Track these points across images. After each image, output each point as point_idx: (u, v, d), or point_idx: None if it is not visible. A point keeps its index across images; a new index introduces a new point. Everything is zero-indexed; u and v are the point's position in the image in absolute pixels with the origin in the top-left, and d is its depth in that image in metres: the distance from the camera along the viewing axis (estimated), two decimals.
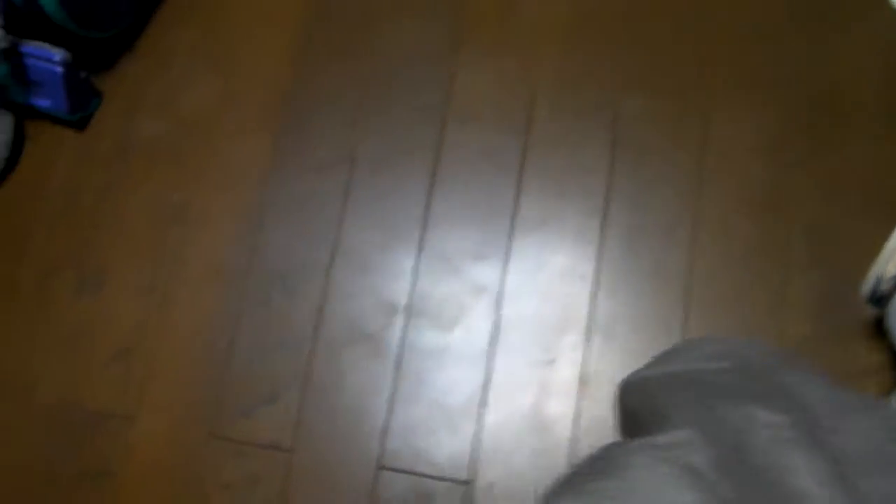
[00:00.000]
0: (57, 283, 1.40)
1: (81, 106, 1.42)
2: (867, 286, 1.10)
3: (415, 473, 1.24)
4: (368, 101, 1.40)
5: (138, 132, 1.45)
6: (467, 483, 1.23)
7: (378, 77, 1.42)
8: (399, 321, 1.30)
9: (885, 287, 1.08)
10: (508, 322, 1.28)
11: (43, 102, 1.41)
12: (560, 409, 1.25)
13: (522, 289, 1.30)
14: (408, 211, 1.35)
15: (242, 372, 1.30)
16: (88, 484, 1.29)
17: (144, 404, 1.31)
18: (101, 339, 1.36)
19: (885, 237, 1.11)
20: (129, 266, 1.38)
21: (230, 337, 1.32)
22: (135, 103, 1.47)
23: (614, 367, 1.26)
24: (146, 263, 1.37)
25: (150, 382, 1.32)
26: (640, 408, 0.79)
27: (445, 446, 1.24)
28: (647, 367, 0.84)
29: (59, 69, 1.36)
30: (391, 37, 1.43)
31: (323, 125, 1.41)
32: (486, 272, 1.30)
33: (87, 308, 1.38)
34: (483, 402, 1.26)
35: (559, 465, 1.23)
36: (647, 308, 1.28)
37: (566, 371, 1.26)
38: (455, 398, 1.26)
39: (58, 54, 1.36)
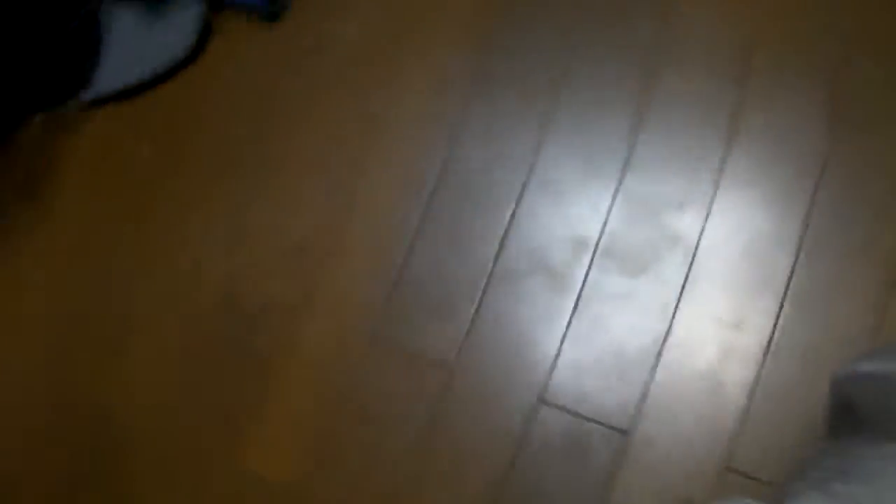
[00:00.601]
0: (234, 176, 1.36)
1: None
2: None
3: (575, 413, 1.19)
4: (579, 29, 1.33)
5: (332, 33, 1.41)
6: (626, 433, 1.17)
7: (592, 4, 1.35)
8: (585, 259, 1.24)
9: None
10: (700, 276, 1.21)
11: None
12: (738, 375, 1.18)
13: (720, 245, 1.22)
14: (610, 147, 1.28)
15: (416, 284, 1.27)
16: (252, 373, 1.27)
17: (314, 301, 1.29)
18: (278, 232, 1.32)
19: None
20: (312, 165, 1.34)
21: (409, 247, 1.28)
22: (333, 2, 1.42)
23: (804, 342, 1.18)
24: (333, 164, 1.33)
25: (322, 280, 1.30)
26: (866, 404, 0.71)
27: (612, 392, 1.19)
28: (879, 359, 0.76)
29: None
30: None
31: (529, 48, 1.35)
32: (684, 222, 1.23)
33: (265, 200, 1.34)
34: (659, 355, 1.19)
35: (726, 432, 1.15)
36: (848, 286, 1.19)
37: (752, 337, 1.19)
38: (631, 346, 1.20)
39: None
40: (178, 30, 1.38)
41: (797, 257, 1.21)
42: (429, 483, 1.20)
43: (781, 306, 1.20)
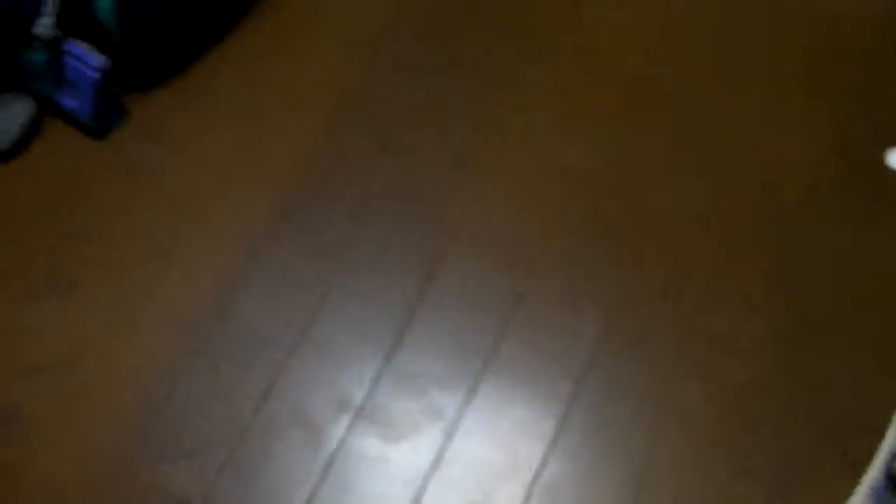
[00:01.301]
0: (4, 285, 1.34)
1: (105, 118, 1.41)
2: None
3: None
4: (372, 208, 1.39)
5: (148, 160, 1.43)
6: None
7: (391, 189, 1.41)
8: (346, 420, 1.24)
9: None
10: (454, 455, 1.22)
11: (69, 102, 1.40)
12: None
13: (478, 428, 1.25)
14: (386, 320, 1.31)
15: (172, 424, 1.23)
16: None
17: (65, 424, 1.23)
18: (39, 345, 1.30)
19: None
20: (100, 281, 1.32)
21: (174, 381, 1.27)
22: (155, 133, 1.45)
23: None
24: (118, 286, 1.32)
25: (75, 402, 1.24)
26: None
27: None
28: None
29: (95, 74, 1.35)
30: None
31: (328, 213, 1.38)
32: (447, 400, 1.26)
33: (52, 310, 1.33)
34: None
35: None
36: (596, 483, 1.22)
37: None
38: None
39: (98, 60, 1.36)
40: (6, 122, 1.37)
41: (551, 450, 1.24)
42: None
43: (528, 495, 1.21)
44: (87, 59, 1.34)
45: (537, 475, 1.22)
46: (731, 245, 1.37)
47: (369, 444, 1.22)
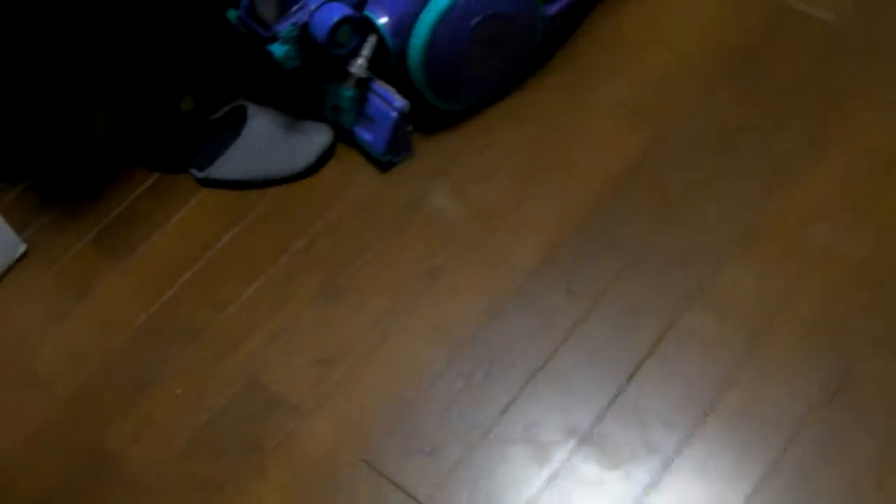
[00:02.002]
0: (303, 282, 1.61)
1: (394, 152, 1.61)
2: None
3: None
4: (638, 264, 1.52)
5: (426, 195, 1.62)
6: None
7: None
8: (571, 443, 1.36)
9: None
10: (665, 488, 1.32)
11: (365, 135, 1.61)
12: None
13: (690, 468, 1.33)
14: (623, 359, 1.43)
15: (417, 422, 1.41)
16: (246, 451, 1.40)
17: (320, 408, 1.43)
18: (315, 341, 1.53)
19: None
20: (369, 294, 1.52)
21: (422, 388, 1.47)
22: (436, 171, 1.64)
23: None
24: (385, 298, 1.53)
25: (334, 393, 1.44)
26: None
27: None
28: None
29: (394, 115, 1.56)
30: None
31: (592, 263, 1.55)
32: (666, 438, 1.35)
33: (318, 312, 1.57)
34: None
35: None
36: None
37: None
38: None
39: (399, 102, 1.56)
40: (305, 146, 1.61)
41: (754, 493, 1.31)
42: None
43: None
44: (391, 99, 1.55)
45: None
46: None
47: (589, 468, 1.34)
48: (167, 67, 1.67)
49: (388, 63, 1.55)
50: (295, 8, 1.48)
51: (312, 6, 1.46)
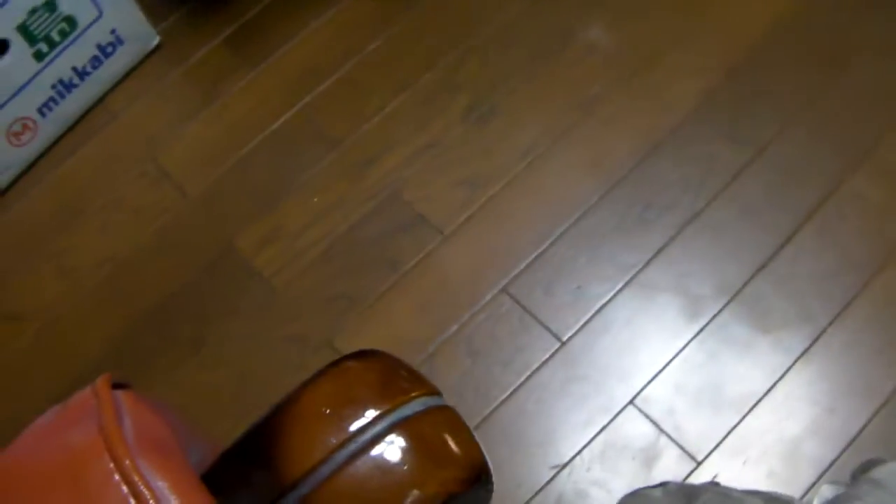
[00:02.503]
0: (450, 100, 1.54)
1: None
2: None
3: (658, 426, 1.23)
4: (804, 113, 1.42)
5: (580, 28, 1.59)
6: (696, 462, 1.21)
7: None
8: (723, 299, 1.30)
9: None
10: (815, 358, 1.26)
11: None
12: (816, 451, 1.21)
13: (844, 342, 1.27)
14: (783, 219, 1.35)
15: (564, 256, 1.34)
16: (379, 267, 1.35)
17: (463, 231, 1.37)
18: (462, 162, 1.46)
19: None
20: (522, 117, 1.43)
21: (573, 222, 1.39)
22: (592, 2, 1.57)
23: None
24: (539, 125, 1.43)
25: (478, 216, 1.38)
26: None
27: (700, 422, 1.23)
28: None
29: None
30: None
31: (754, 108, 1.44)
32: (823, 308, 1.29)
33: (466, 132, 1.50)
34: (756, 405, 1.23)
35: None
36: None
37: (841, 424, 1.22)
38: (734, 388, 1.25)
39: None
40: None
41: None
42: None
43: (870, 418, 1.23)
44: None
45: (878, 409, 1.23)
46: None
47: (740, 328, 1.28)
48: None
49: None
50: None
51: None
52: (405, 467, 0.38)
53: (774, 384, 1.26)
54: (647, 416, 1.24)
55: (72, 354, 1.38)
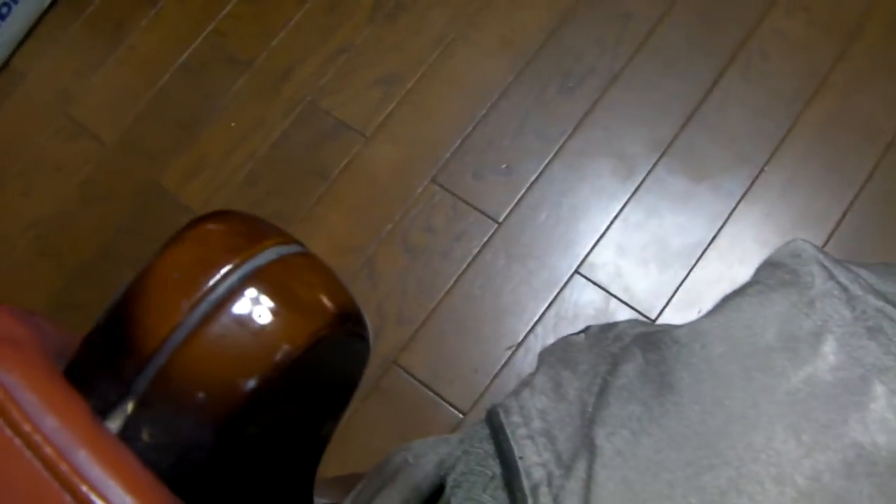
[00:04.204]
0: (355, 2, 1.47)
1: None
2: None
3: (607, 291, 1.21)
4: None
5: None
6: (653, 321, 1.19)
7: None
8: (655, 155, 1.27)
9: None
10: (755, 198, 1.23)
11: None
12: None
13: (784, 177, 1.24)
14: (706, 68, 1.32)
15: (489, 139, 1.31)
16: (306, 179, 1.32)
17: (385, 130, 1.33)
18: (374, 62, 1.38)
19: None
20: (429, 9, 1.39)
21: (492, 104, 1.33)
22: None
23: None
24: (446, 13, 1.39)
25: (398, 113, 1.34)
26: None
27: (648, 280, 1.21)
28: None
29: None
30: None
31: None
32: (757, 147, 1.26)
33: (374, 32, 1.43)
34: (703, 254, 1.21)
35: None
36: None
37: None
38: (678, 241, 1.23)
39: None
40: None
41: (851, 204, 1.23)
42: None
43: (825, 243, 1.21)
44: None
45: (840, 220, 1.21)
46: None
47: (676, 181, 1.25)
48: None
49: None
50: None
51: None
52: (266, 320, 0.35)
53: (719, 231, 1.23)
54: (594, 283, 1.22)
55: None
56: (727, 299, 0.44)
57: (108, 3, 1.57)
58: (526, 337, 1.20)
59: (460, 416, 1.17)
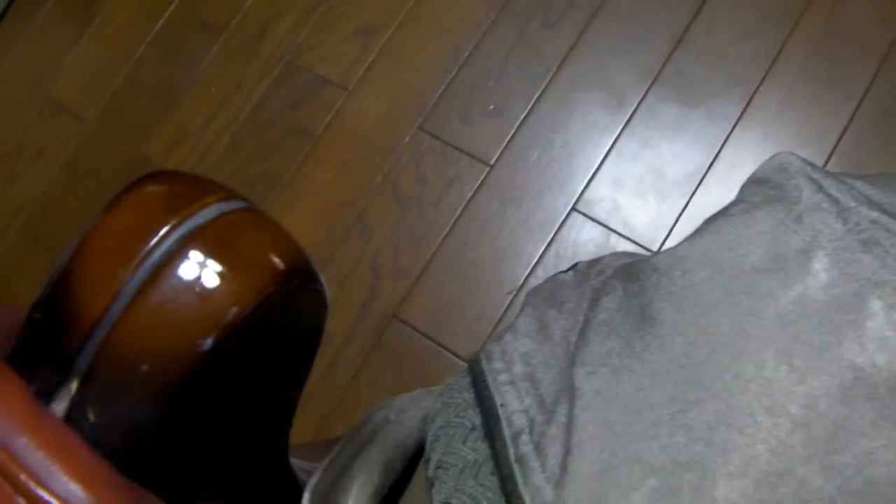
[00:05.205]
0: None
1: None
2: None
3: (606, 226, 1.18)
4: None
5: None
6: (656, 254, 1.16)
7: None
8: (645, 84, 1.23)
9: None
10: (752, 120, 1.20)
11: None
12: None
13: (778, 99, 1.21)
14: None
15: (474, 82, 1.27)
16: (291, 138, 1.29)
17: (367, 82, 1.30)
18: (351, 13, 1.34)
19: None
20: None
21: (475, 45, 1.29)
22: None
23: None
24: None
25: (379, 64, 1.31)
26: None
27: (648, 212, 1.18)
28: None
29: None
30: None
31: None
32: (749, 68, 1.22)
33: None
34: (702, 181, 1.18)
35: None
36: None
37: None
38: (675, 170, 1.19)
39: None
40: None
41: (850, 119, 1.20)
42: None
43: (827, 160, 1.18)
44: None
45: (837, 142, 1.18)
46: None
47: (668, 109, 1.22)
48: None
49: None
50: None
51: None
52: (209, 281, 0.32)
53: (716, 156, 1.20)
54: (592, 219, 1.19)
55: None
56: (709, 221, 0.42)
57: None
58: (526, 279, 1.17)
59: (465, 365, 1.15)
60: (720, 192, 1.18)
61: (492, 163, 1.22)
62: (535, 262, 1.18)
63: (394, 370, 1.16)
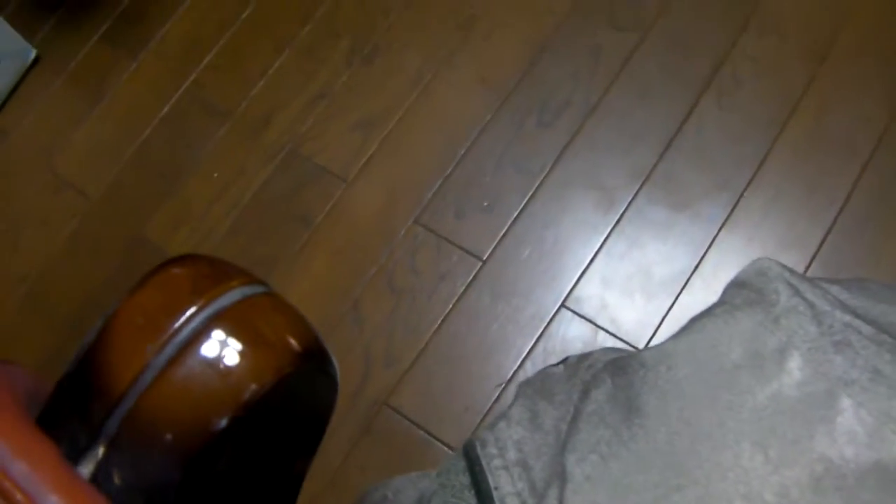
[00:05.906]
0: (332, 47, 1.46)
1: None
2: None
3: (594, 323, 1.21)
4: None
5: None
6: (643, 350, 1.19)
7: None
8: (636, 184, 1.28)
9: None
10: (736, 225, 1.24)
11: None
12: None
13: (763, 204, 1.25)
14: (680, 97, 1.33)
15: (470, 177, 1.31)
16: (290, 225, 1.33)
17: (366, 174, 1.34)
18: (353, 106, 1.39)
19: None
20: (404, 50, 1.41)
21: (472, 142, 1.34)
22: None
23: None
24: (421, 54, 1.40)
25: (378, 156, 1.35)
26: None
27: (635, 310, 1.21)
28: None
29: None
30: None
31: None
32: (736, 171, 1.27)
33: (352, 76, 1.42)
34: (687, 282, 1.22)
35: None
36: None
37: None
38: (662, 270, 1.23)
39: None
40: None
41: (832, 224, 1.24)
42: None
43: (808, 265, 1.22)
44: None
45: (817, 251, 1.22)
46: None
47: (657, 210, 1.26)
48: None
49: None
50: None
51: None
52: (231, 359, 0.35)
53: (702, 258, 1.24)
54: (581, 316, 1.22)
55: None
56: (693, 321, 0.45)
57: (89, 59, 1.58)
58: (515, 373, 1.20)
59: (452, 454, 1.17)
60: (704, 293, 1.21)
61: (484, 258, 1.26)
62: (524, 356, 1.21)
63: (383, 455, 1.18)
